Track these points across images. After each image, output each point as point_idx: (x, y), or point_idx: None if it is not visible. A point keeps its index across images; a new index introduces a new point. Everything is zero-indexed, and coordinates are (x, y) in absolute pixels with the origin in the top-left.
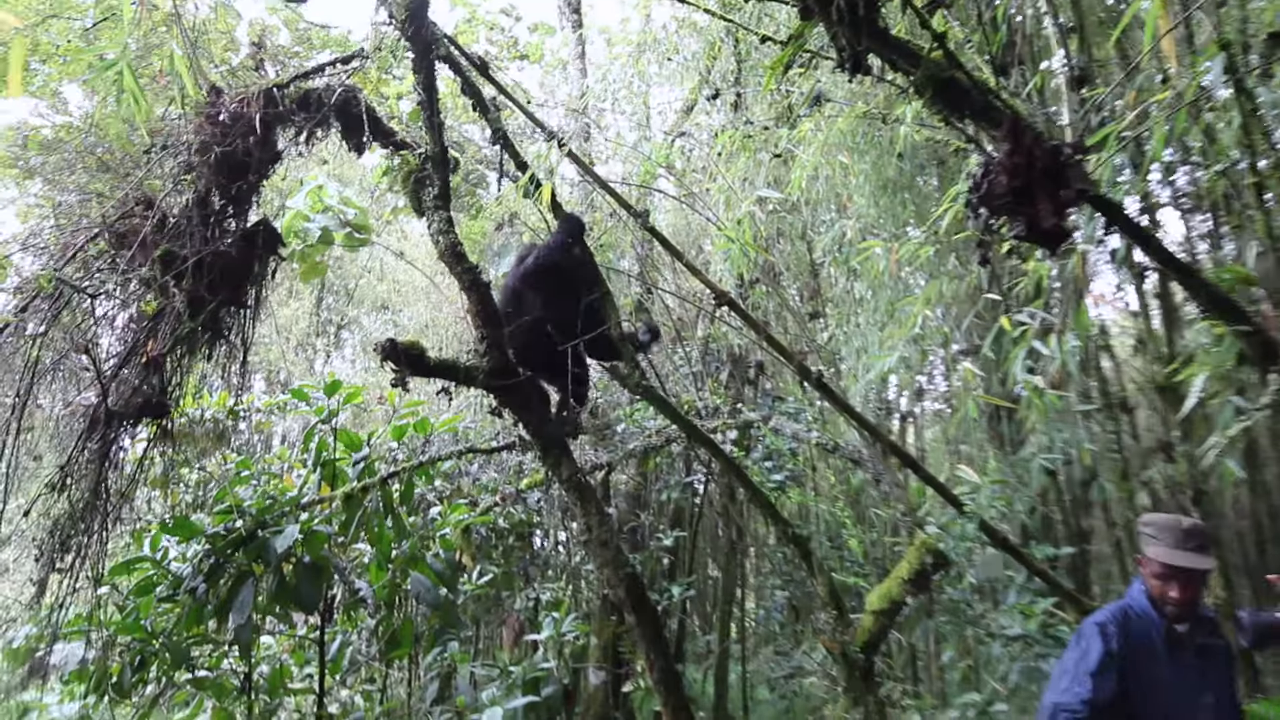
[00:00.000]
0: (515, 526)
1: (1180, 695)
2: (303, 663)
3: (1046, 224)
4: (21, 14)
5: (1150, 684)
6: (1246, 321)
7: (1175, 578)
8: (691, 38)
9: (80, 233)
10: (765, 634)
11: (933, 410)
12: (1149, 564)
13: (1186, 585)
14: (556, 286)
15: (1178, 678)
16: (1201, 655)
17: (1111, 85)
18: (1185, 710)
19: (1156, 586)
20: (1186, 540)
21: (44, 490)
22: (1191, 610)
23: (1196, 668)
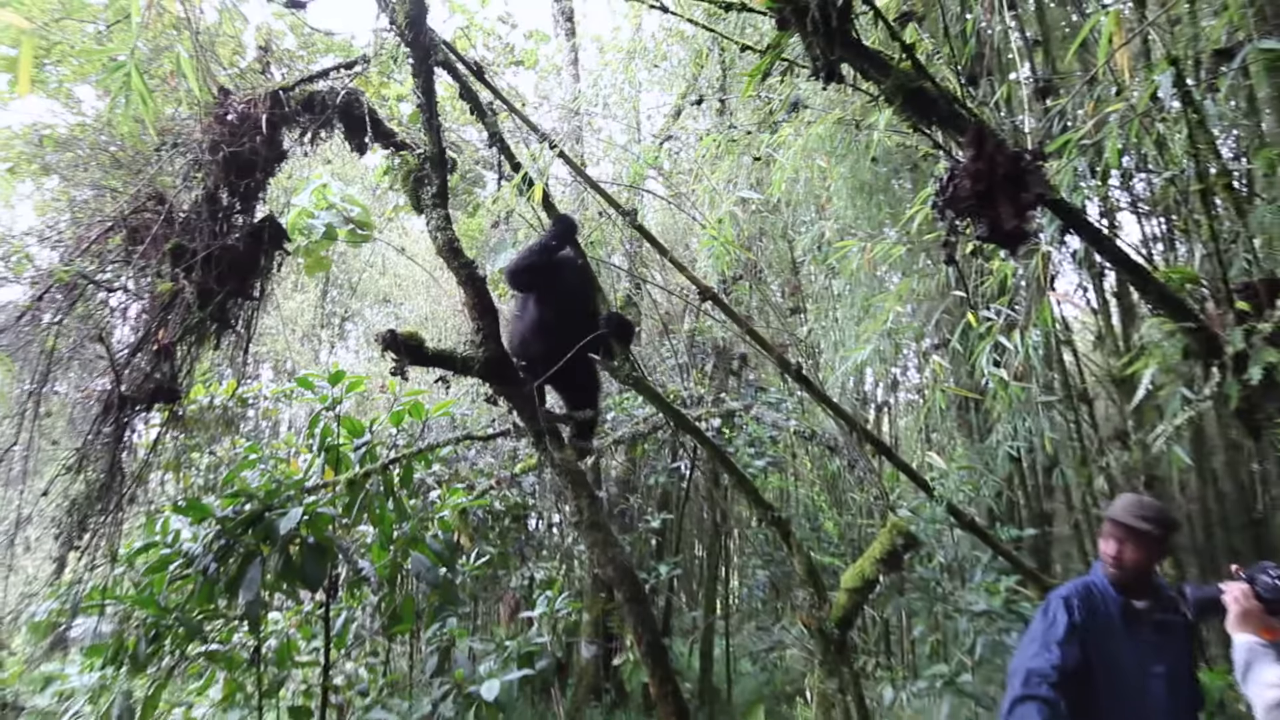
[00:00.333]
0: (510, 509)
1: (1134, 666)
2: (309, 637)
3: (1008, 226)
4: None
5: (1107, 655)
6: (1192, 318)
7: (1113, 535)
8: (679, 46)
9: (95, 227)
10: (748, 610)
11: (906, 401)
12: (1102, 531)
13: (1123, 544)
14: (547, 288)
15: (1133, 650)
16: (1159, 630)
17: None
18: (1137, 680)
19: (1103, 549)
20: (1134, 507)
21: (62, 472)
22: (1137, 578)
23: (1152, 642)
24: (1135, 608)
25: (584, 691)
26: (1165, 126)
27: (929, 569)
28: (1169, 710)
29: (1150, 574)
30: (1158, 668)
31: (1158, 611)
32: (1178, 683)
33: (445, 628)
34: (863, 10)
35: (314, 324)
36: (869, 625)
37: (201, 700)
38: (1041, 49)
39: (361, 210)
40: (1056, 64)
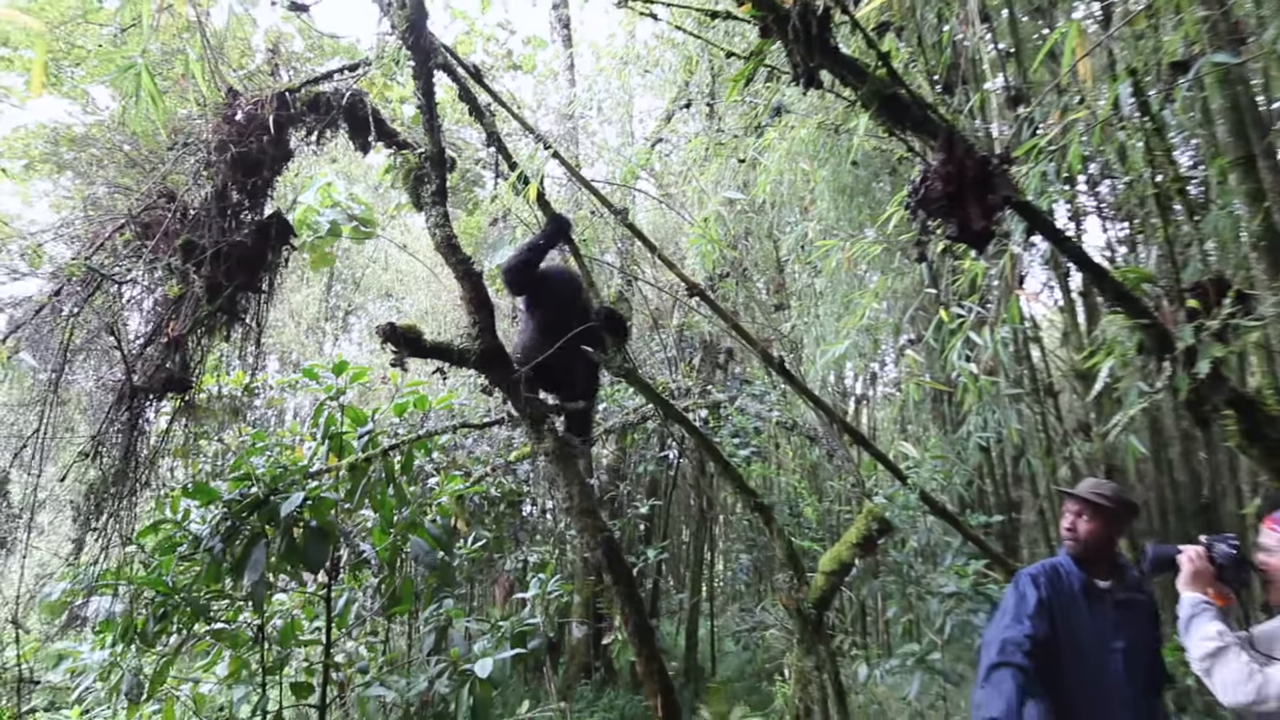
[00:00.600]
0: (505, 495)
1: (1094, 640)
2: (312, 617)
3: (976, 226)
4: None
5: (1070, 630)
6: (1146, 315)
7: (1069, 509)
8: (670, 53)
9: (108, 223)
10: (731, 592)
11: (883, 393)
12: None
13: (1078, 516)
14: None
15: (1094, 625)
16: (1121, 608)
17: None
18: (1098, 654)
19: (1061, 525)
20: (1091, 484)
21: (78, 458)
22: (1097, 555)
23: (1113, 618)
24: (1098, 586)
25: (575, 669)
26: (1126, 134)
27: (902, 553)
28: (1128, 684)
29: (1111, 553)
30: (1117, 643)
31: (1120, 591)
32: (1138, 658)
33: (442, 608)
34: (841, 20)
35: (319, 317)
36: (845, 606)
37: (208, 676)
38: (1014, 59)
39: (365, 208)
40: (1028, 74)
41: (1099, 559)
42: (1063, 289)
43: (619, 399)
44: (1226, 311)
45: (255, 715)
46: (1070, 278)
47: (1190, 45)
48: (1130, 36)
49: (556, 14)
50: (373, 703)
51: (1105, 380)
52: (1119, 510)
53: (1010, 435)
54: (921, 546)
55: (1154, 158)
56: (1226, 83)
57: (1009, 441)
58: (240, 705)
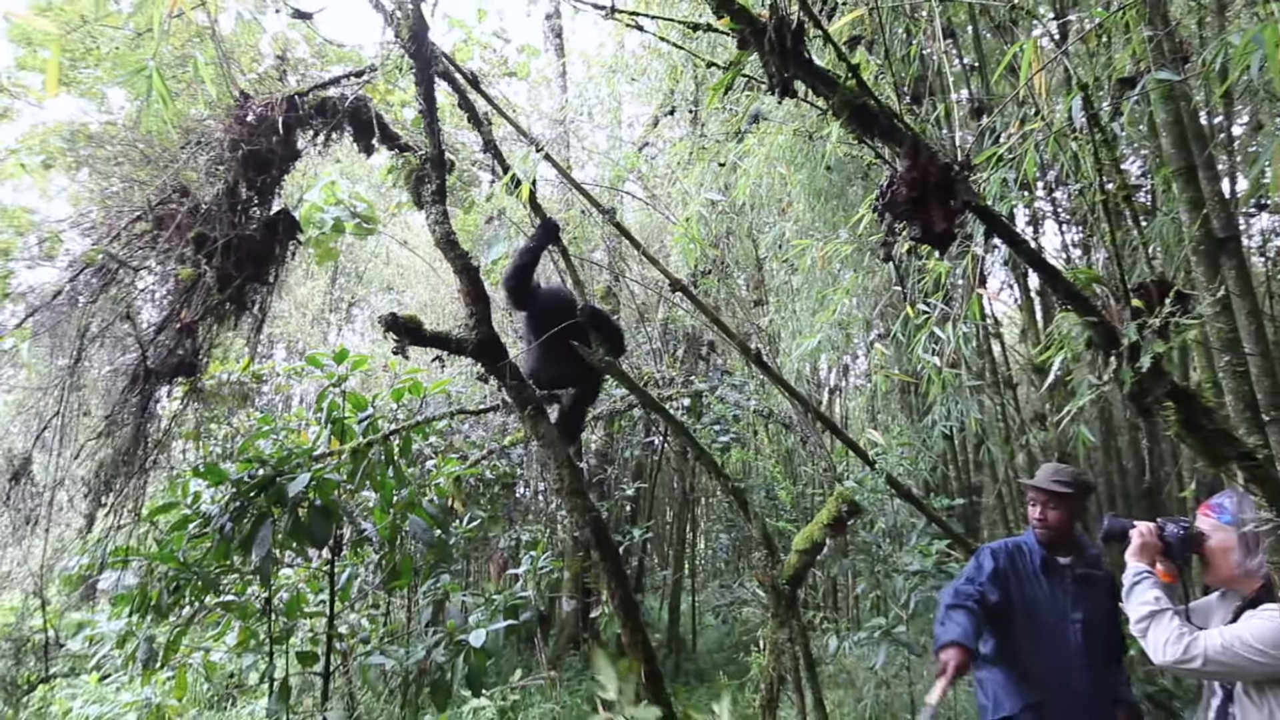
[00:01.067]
0: (500, 477)
1: (1053, 613)
2: (316, 591)
3: (939, 229)
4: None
5: (1027, 601)
6: (1095, 313)
7: (1037, 500)
8: (657, 62)
9: (124, 215)
10: (712, 570)
11: (854, 384)
12: (1027, 499)
13: (1046, 506)
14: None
15: (1053, 598)
16: (1080, 582)
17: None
18: (1058, 626)
19: (1030, 514)
20: (1052, 473)
21: (93, 438)
22: (1061, 536)
23: (1072, 592)
24: (1058, 562)
25: (564, 641)
26: (1078, 145)
27: (871, 534)
28: (1086, 653)
29: (1072, 532)
30: (1076, 615)
31: (1080, 566)
32: (1095, 629)
33: (439, 583)
34: (815, 35)
35: (323, 308)
36: (817, 583)
37: (218, 645)
38: (977, 73)
39: (367, 206)
40: (989, 87)
41: (1063, 541)
42: (1021, 288)
43: (606, 389)
44: (1168, 311)
45: (263, 682)
46: (1028, 278)
47: (1137, 63)
48: (1083, 53)
49: (549, 24)
50: (373, 671)
51: (1058, 373)
52: (1079, 493)
53: (971, 424)
54: (888, 527)
55: (1104, 167)
56: (1170, 98)
57: (970, 430)
58: (249, 673)
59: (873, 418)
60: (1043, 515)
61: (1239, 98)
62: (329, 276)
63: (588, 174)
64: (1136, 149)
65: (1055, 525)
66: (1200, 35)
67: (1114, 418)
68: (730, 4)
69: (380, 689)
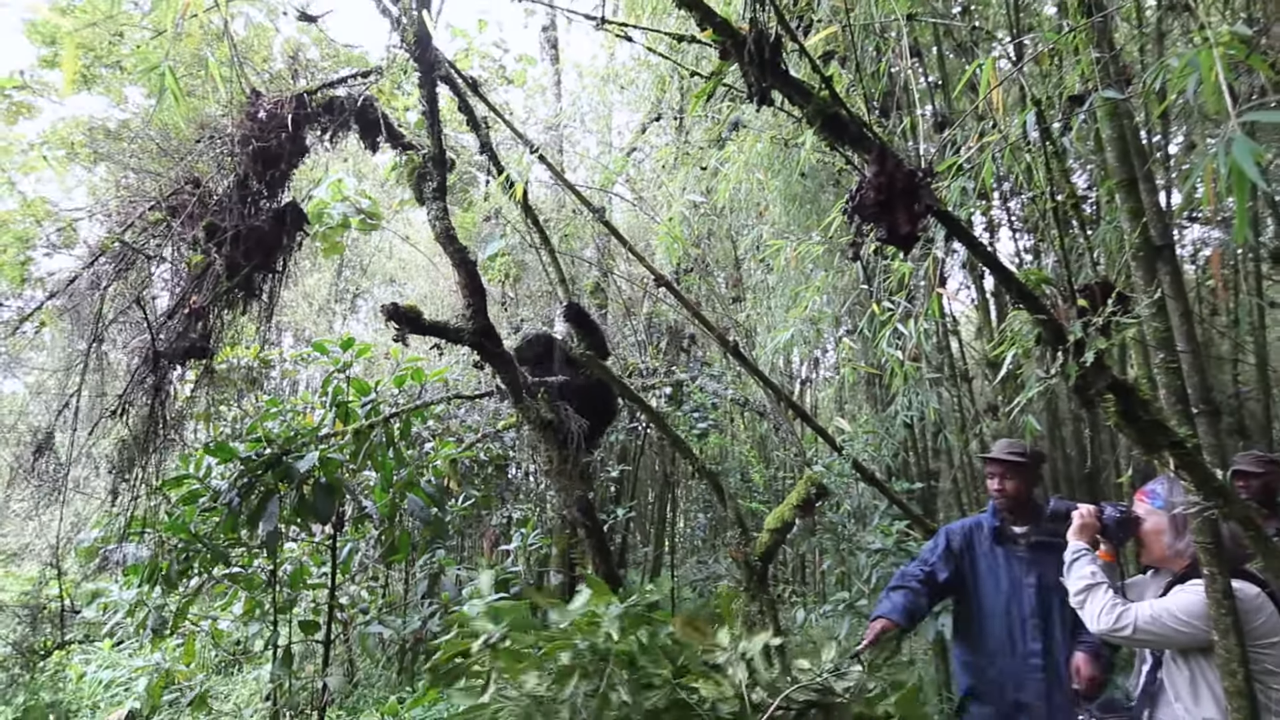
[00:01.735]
0: (493, 459)
1: (1009, 578)
2: (319, 563)
3: (903, 231)
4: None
5: (981, 574)
6: (1044, 312)
7: (994, 472)
8: (646, 73)
9: (139, 205)
10: (690, 547)
11: (824, 376)
12: (986, 473)
13: (1003, 477)
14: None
15: (1008, 566)
16: (1035, 549)
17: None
18: (1012, 590)
19: (989, 486)
20: (1006, 445)
21: (108, 416)
22: (1018, 504)
23: (1027, 559)
24: (1013, 531)
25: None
26: (1031, 157)
27: (837, 514)
28: (1038, 615)
29: (1029, 501)
30: (1029, 579)
31: (1035, 534)
32: (1049, 593)
33: (435, 558)
34: (791, 49)
35: (329, 298)
36: (787, 559)
37: (225, 614)
38: (941, 90)
39: (372, 202)
40: (952, 102)
41: (1022, 508)
42: (977, 290)
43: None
44: (1110, 311)
45: (267, 649)
46: (984, 280)
47: (1086, 82)
48: (1037, 73)
49: (545, 35)
50: (372, 639)
51: (1010, 367)
52: (1032, 463)
53: (930, 414)
54: (853, 509)
55: (1054, 178)
56: (1115, 116)
57: (929, 419)
58: (254, 640)
59: (840, 407)
60: (1000, 486)
61: (1175, 119)
62: (335, 268)
63: (580, 176)
64: (1084, 162)
65: (1012, 494)
66: (1142, 61)
67: (1059, 409)
68: (713, 17)
69: (378, 656)
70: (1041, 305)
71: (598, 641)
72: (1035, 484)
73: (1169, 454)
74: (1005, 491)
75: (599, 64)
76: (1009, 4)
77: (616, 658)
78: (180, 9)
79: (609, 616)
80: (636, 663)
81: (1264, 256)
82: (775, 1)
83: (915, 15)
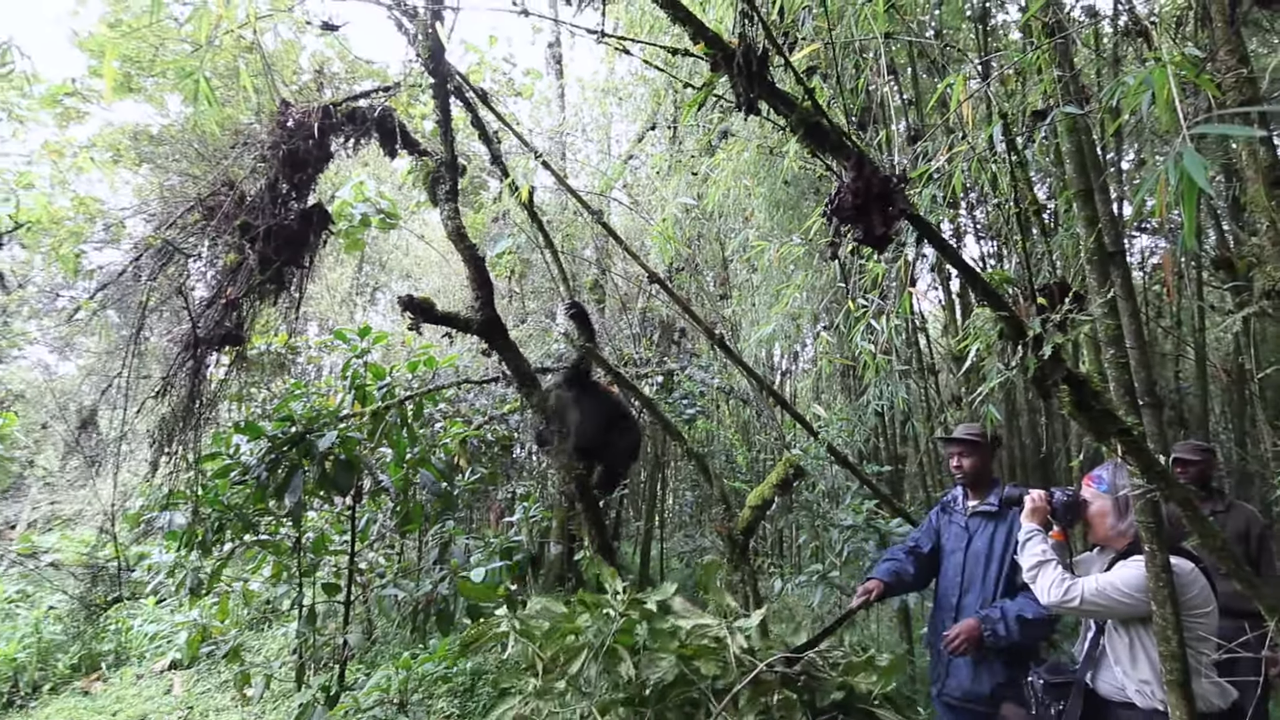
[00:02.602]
0: (499, 439)
1: (956, 542)
2: (340, 532)
3: (877, 233)
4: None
5: (948, 538)
6: (1006, 309)
7: (955, 451)
8: (642, 87)
9: (179, 205)
10: (678, 522)
11: (803, 367)
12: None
13: (962, 455)
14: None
15: (957, 531)
16: (978, 516)
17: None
18: (960, 554)
19: (952, 465)
20: (964, 427)
21: (151, 396)
22: (978, 479)
23: (982, 528)
24: (965, 502)
25: (551, 579)
26: (996, 168)
27: (812, 493)
28: (979, 578)
29: (987, 476)
30: (977, 544)
31: (981, 505)
32: (992, 558)
33: (445, 528)
34: (777, 63)
35: (350, 291)
36: (766, 534)
37: (255, 577)
38: (914, 106)
39: (390, 203)
40: (924, 117)
41: (980, 483)
42: (945, 289)
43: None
44: (1066, 309)
45: (293, 608)
46: (950, 281)
47: (1047, 99)
48: (1003, 90)
49: (551, 51)
50: (388, 600)
51: (973, 361)
52: (987, 443)
53: (899, 404)
54: (827, 489)
55: (1017, 187)
56: (1074, 131)
57: (898, 408)
58: (281, 600)
59: (817, 396)
60: (959, 463)
61: (1128, 136)
62: (356, 264)
63: (581, 182)
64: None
65: (970, 470)
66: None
67: (1016, 401)
68: (706, 32)
69: (393, 616)
70: (1004, 303)
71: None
72: (990, 461)
73: (1117, 441)
74: (963, 468)
75: (600, 78)
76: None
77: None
78: (213, 22)
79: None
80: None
81: (1205, 264)
82: (763, 19)
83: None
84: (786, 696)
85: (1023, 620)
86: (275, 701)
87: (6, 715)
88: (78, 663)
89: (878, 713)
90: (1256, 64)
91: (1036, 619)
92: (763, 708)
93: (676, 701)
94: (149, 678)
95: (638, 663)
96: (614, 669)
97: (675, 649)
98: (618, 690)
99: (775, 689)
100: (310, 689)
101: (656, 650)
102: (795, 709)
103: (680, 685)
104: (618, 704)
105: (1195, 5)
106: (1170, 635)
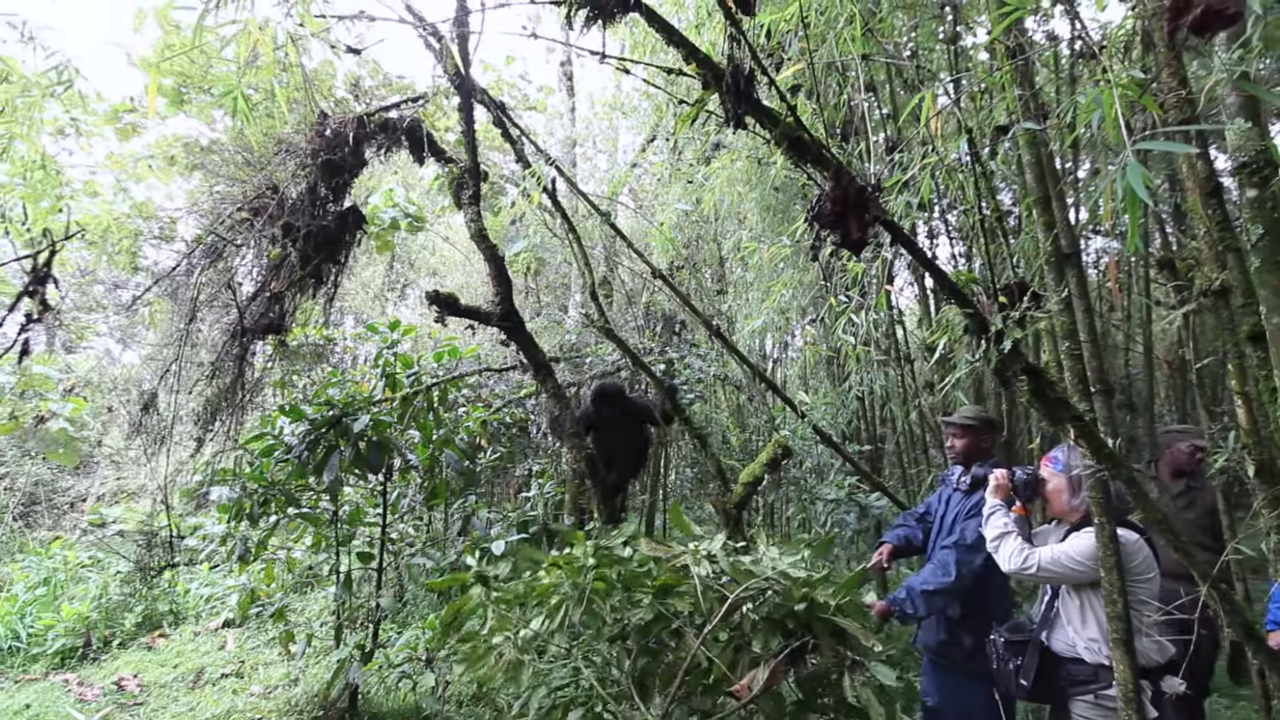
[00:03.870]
0: (517, 421)
1: (941, 514)
2: (373, 505)
3: (855, 237)
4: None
5: (937, 508)
6: (972, 306)
7: (948, 433)
8: (646, 102)
9: (228, 207)
10: (678, 496)
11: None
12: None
13: (954, 436)
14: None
15: (948, 506)
16: (965, 495)
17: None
18: (940, 523)
19: (946, 446)
20: (960, 412)
21: (202, 378)
22: (966, 459)
23: (947, 498)
24: (950, 477)
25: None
26: (964, 177)
27: (800, 470)
28: (936, 539)
29: (978, 457)
30: (949, 516)
31: (962, 483)
32: (950, 523)
33: (468, 502)
34: (764, 82)
35: (382, 287)
36: (758, 508)
37: (297, 545)
38: (891, 119)
39: (418, 207)
40: (901, 130)
41: (970, 461)
42: (919, 286)
43: (601, 353)
44: (1025, 306)
45: (331, 574)
46: (925, 278)
47: (1010, 115)
48: (970, 107)
49: (563, 70)
50: (416, 567)
51: (943, 352)
52: (981, 426)
53: (878, 389)
54: (813, 466)
55: (982, 195)
56: (1033, 144)
57: (877, 394)
58: (321, 566)
59: (804, 382)
60: (951, 444)
61: (1083, 148)
62: (387, 262)
63: (591, 187)
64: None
65: (961, 451)
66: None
67: (984, 387)
68: (697, 53)
69: (422, 582)
70: (970, 301)
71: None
72: (987, 444)
73: (1071, 425)
74: (955, 448)
75: (607, 94)
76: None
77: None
78: (251, 45)
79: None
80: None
81: (1152, 264)
82: (749, 42)
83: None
84: (751, 619)
85: (926, 593)
86: (316, 657)
87: (84, 665)
88: (142, 621)
89: (838, 620)
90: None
91: (939, 589)
92: (734, 624)
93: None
94: (205, 634)
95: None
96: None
97: (650, 587)
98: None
99: (741, 608)
100: (347, 646)
101: (633, 593)
102: (761, 628)
103: (661, 621)
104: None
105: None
106: (1116, 598)
